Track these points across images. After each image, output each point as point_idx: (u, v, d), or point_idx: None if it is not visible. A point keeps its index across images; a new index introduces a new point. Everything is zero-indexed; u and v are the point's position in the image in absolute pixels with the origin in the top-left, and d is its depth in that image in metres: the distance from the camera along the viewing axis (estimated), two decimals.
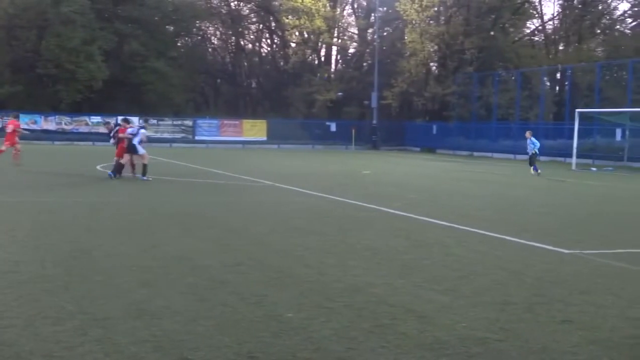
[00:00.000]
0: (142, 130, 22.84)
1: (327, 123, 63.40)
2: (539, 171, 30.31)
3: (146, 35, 62.89)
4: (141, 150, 22.01)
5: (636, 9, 61.15)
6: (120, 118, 25.87)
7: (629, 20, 63.73)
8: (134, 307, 6.86)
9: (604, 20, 64.87)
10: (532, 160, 31.27)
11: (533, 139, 31.82)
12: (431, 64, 66.37)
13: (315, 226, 12.96)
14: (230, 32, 77.65)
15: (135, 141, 21.89)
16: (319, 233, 12.09)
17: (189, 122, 59.62)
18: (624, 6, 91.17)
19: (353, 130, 58.99)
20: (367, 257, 9.80)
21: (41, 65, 56.92)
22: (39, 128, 53.57)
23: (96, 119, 55.45)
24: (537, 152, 31.79)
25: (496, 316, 6.82)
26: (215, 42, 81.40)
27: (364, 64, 73.44)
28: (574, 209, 17.46)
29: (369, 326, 6.38)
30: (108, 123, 25.94)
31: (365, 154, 51.74)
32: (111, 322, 6.35)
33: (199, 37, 77.86)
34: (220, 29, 78.77)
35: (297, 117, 70.24)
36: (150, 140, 23.65)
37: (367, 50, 71.58)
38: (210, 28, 78.87)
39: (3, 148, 27.30)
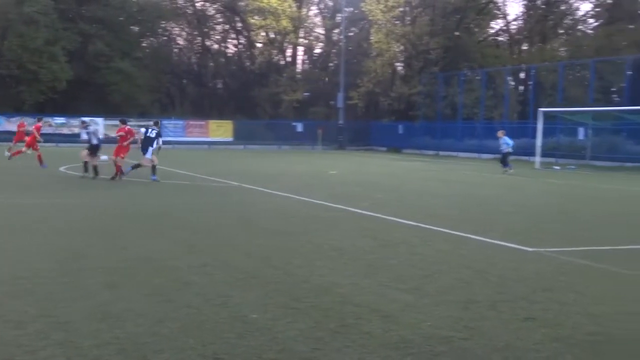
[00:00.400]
0: (160, 140, 22.78)
1: (294, 123, 63.32)
2: (512, 170, 31.00)
3: (111, 35, 62.31)
4: (149, 154, 22.09)
5: (598, 9, 61.95)
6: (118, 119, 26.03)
7: (591, 20, 64.56)
8: (98, 309, 6.80)
9: (566, 21, 65.61)
10: (505, 159, 31.88)
11: (506, 138, 32.47)
12: (397, 64, 66.62)
13: (282, 226, 12.95)
14: (196, 33, 77.23)
15: (153, 144, 22.08)
16: (285, 233, 12.08)
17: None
18: (586, 7, 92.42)
19: (319, 131, 59.02)
20: (333, 257, 9.82)
21: (3, 65, 56.13)
22: (2, 129, 52.84)
23: (60, 120, 54.85)
24: (512, 150, 32.55)
25: (460, 315, 6.87)
26: (181, 43, 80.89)
27: (330, 64, 73.49)
28: (537, 208, 17.63)
29: (335, 326, 6.39)
30: (84, 122, 26.08)
31: (332, 154, 51.80)
32: (74, 325, 6.29)
33: (165, 38, 77.33)
34: (186, 29, 78.31)
35: (263, 117, 70.07)
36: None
37: (333, 50, 71.66)
38: (175, 28, 78.35)
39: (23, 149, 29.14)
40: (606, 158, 40.62)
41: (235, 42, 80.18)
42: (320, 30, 75.65)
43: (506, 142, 32.28)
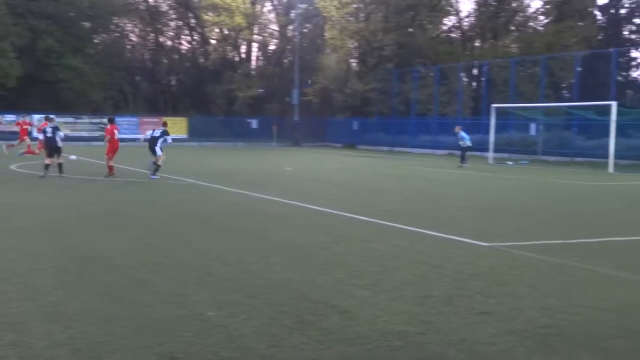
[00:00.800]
0: (169, 139, 23.30)
1: (249, 120, 63.08)
2: (466, 165, 32.01)
3: (61, 31, 61.25)
4: (159, 152, 22.56)
5: (548, 6, 62.76)
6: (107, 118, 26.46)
7: (541, 17, 65.34)
8: (50, 309, 6.69)
9: (517, 17, 66.28)
10: (464, 154, 32.96)
11: (463, 133, 33.21)
12: (351, 60, 66.76)
13: (236, 223, 12.89)
14: (149, 29, 76.39)
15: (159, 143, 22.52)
16: (240, 230, 12.03)
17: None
18: (536, 4, 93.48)
19: (274, 127, 58.89)
20: (288, 254, 9.79)
21: None
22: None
23: (10, 117, 53.84)
24: (470, 144, 33.55)
25: (416, 310, 6.90)
26: (134, 39, 79.93)
27: (285, 60, 73.33)
28: (491, 203, 17.83)
29: (291, 323, 6.36)
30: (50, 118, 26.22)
31: (287, 150, 51.72)
32: (26, 325, 6.18)
33: (117, 34, 76.33)
34: (139, 25, 77.38)
35: (218, 114, 69.68)
36: (67, 138, 23.16)
37: (288, 46, 71.50)
38: (128, 24, 77.36)
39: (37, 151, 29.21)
40: (557, 153, 41.28)
41: (189, 38, 79.54)
42: (274, 27, 75.44)
43: (463, 137, 33.25)
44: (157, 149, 22.60)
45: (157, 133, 22.97)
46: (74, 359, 5.40)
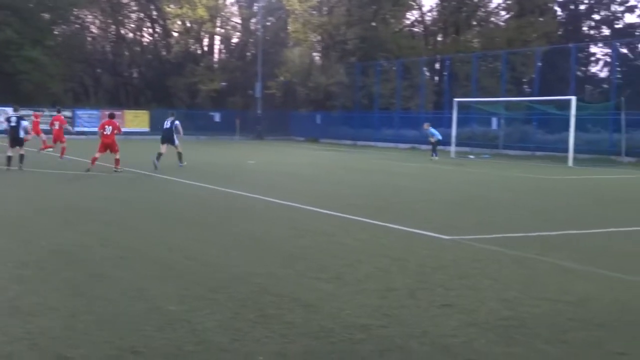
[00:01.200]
0: (177, 122, 25.11)
1: (211, 113, 62.73)
2: (437, 158, 33.39)
3: (20, 22, 60.29)
4: (176, 141, 24.49)
5: (509, 2, 63.34)
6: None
7: (503, 12, 65.96)
8: (8, 304, 6.59)
9: (479, 13, 66.82)
10: (435, 147, 34.19)
11: (432, 129, 34.62)
12: (314, 54, 66.71)
13: (198, 217, 12.82)
14: (110, 21, 75.51)
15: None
16: (202, 224, 11.96)
17: (67, 113, 57.69)
18: None
19: (237, 121, 58.64)
20: (250, 247, 9.76)
21: None
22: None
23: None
24: (440, 138, 34.76)
25: (379, 303, 6.91)
26: (95, 31, 78.95)
27: (248, 53, 73.03)
28: (453, 196, 17.94)
29: (254, 316, 6.34)
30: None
31: (250, 144, 51.55)
32: None
33: (77, 26, 75.35)
34: (100, 17, 76.49)
35: (180, 107, 69.05)
36: (26, 131, 22.79)
37: (251, 40, 71.20)
38: (89, 16, 76.42)
39: (52, 144, 29.05)
40: (518, 147, 41.72)
41: (150, 30, 78.83)
42: (237, 20, 75.08)
43: (432, 133, 34.36)
44: (175, 138, 24.54)
45: (169, 124, 24.82)
46: (32, 354, 5.31)
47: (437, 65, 62.95)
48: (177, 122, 24.92)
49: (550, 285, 7.81)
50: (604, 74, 64.64)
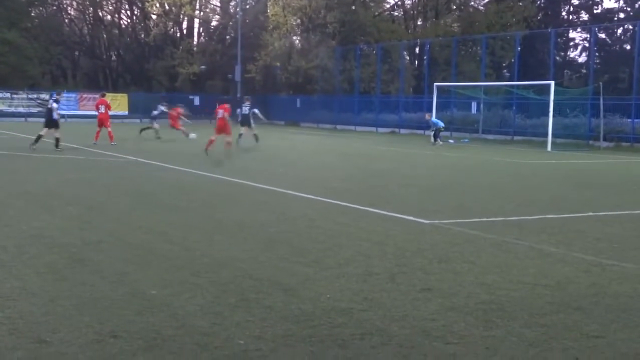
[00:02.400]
0: (255, 110, 29.85)
1: (191, 97, 62.42)
2: (441, 143, 34.52)
3: None
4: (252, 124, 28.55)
5: None
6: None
7: None
8: None
9: None
10: (437, 133, 35.22)
11: (434, 119, 36.10)
12: (294, 37, 66.50)
13: (179, 201, 12.79)
14: (88, 3, 74.83)
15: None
16: (183, 208, 11.93)
17: (45, 96, 57.18)
18: None
19: (217, 104, 58.35)
20: (232, 232, 9.76)
21: None
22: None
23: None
24: (443, 126, 36.08)
25: (360, 287, 6.95)
26: (72, 13, 78.26)
27: (227, 37, 72.71)
28: (433, 180, 18.02)
29: (235, 301, 6.35)
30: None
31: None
32: None
33: (54, 7, 74.62)
34: None
35: (159, 90, 68.77)
36: (3, 114, 22.64)
37: (230, 23, 70.87)
38: None
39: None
40: (497, 132, 41.94)
41: (128, 13, 78.21)
42: (216, 2, 74.67)
43: (435, 123, 35.67)
44: (251, 122, 28.72)
45: (246, 110, 28.72)
46: (11, 339, 5.29)
47: (417, 50, 62.99)
48: (255, 110, 29.46)
49: (529, 269, 7.88)
50: (582, 59, 65.15)
